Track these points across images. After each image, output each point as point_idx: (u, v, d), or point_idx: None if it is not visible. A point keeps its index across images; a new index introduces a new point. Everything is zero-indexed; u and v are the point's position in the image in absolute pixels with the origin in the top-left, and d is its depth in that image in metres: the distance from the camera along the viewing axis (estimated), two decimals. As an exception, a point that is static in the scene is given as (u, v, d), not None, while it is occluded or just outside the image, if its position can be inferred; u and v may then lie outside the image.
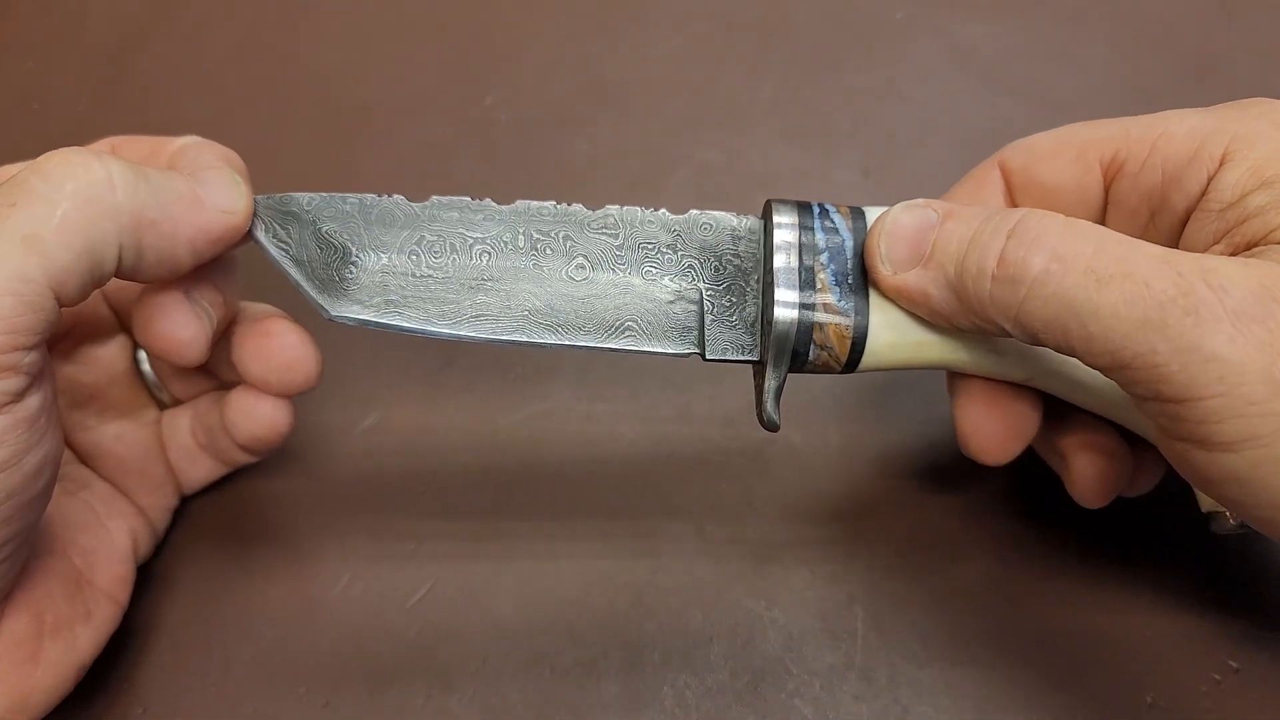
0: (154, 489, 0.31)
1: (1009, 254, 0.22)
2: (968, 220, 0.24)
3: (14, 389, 0.22)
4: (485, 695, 0.30)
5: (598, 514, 0.33)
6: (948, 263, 0.24)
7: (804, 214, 0.26)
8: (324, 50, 0.44)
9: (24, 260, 0.21)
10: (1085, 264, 0.21)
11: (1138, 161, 0.25)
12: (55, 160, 0.22)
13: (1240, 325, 0.20)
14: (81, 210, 0.22)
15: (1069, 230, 0.22)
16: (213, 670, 0.30)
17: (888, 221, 0.25)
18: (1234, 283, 0.20)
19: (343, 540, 0.32)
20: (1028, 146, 0.27)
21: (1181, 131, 0.24)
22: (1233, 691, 0.29)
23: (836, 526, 0.32)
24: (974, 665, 0.30)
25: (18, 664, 0.25)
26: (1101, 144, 0.26)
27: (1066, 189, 0.27)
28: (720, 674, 0.30)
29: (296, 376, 0.28)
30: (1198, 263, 0.21)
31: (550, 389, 0.35)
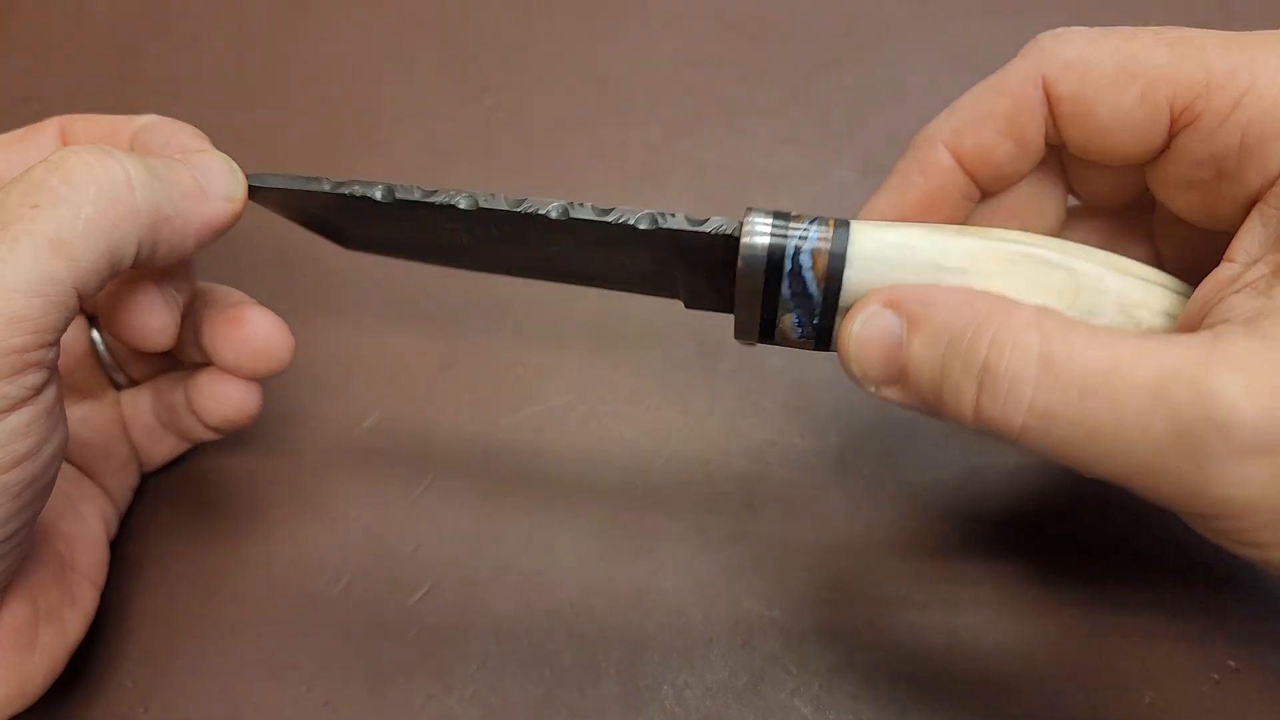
0: (119, 469, 0.31)
1: (985, 409, 0.21)
2: (934, 341, 0.21)
3: (38, 383, 0.22)
4: (485, 695, 0.30)
5: (598, 514, 0.33)
6: (925, 392, 0.22)
7: (773, 266, 0.23)
8: (324, 50, 0.44)
9: (51, 263, 0.21)
10: (1071, 416, 0.19)
11: (1217, 117, 0.21)
12: (74, 161, 0.22)
13: (1247, 464, 0.18)
14: (104, 212, 0.22)
15: (1047, 371, 0.20)
16: (213, 670, 0.30)
17: (852, 340, 0.23)
18: (1240, 417, 0.18)
19: (343, 540, 0.32)
20: (1081, 66, 0.23)
21: (1274, 92, 0.21)
22: (1232, 691, 0.29)
23: (837, 527, 0.32)
24: (973, 665, 0.30)
25: (17, 651, 0.26)
26: (1176, 85, 0.22)
27: (1125, 129, 0.23)
28: (720, 674, 0.30)
29: (270, 362, 0.28)
30: (1197, 390, 0.18)
31: (550, 389, 0.35)
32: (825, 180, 0.39)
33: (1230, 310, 0.20)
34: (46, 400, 0.23)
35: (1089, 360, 0.19)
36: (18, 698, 0.26)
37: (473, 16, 0.44)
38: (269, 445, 0.34)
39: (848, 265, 0.23)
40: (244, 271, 0.32)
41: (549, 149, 0.40)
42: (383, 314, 0.37)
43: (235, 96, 0.42)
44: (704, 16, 0.44)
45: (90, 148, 0.23)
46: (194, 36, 0.44)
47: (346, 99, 0.42)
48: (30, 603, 0.26)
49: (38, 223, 0.22)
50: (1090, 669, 0.29)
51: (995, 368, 0.20)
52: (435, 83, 0.42)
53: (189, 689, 0.30)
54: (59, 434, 0.24)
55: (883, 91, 0.41)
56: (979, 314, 0.21)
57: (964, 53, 0.42)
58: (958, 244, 0.23)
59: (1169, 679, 0.29)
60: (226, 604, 0.31)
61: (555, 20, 0.44)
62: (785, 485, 0.33)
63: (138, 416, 0.31)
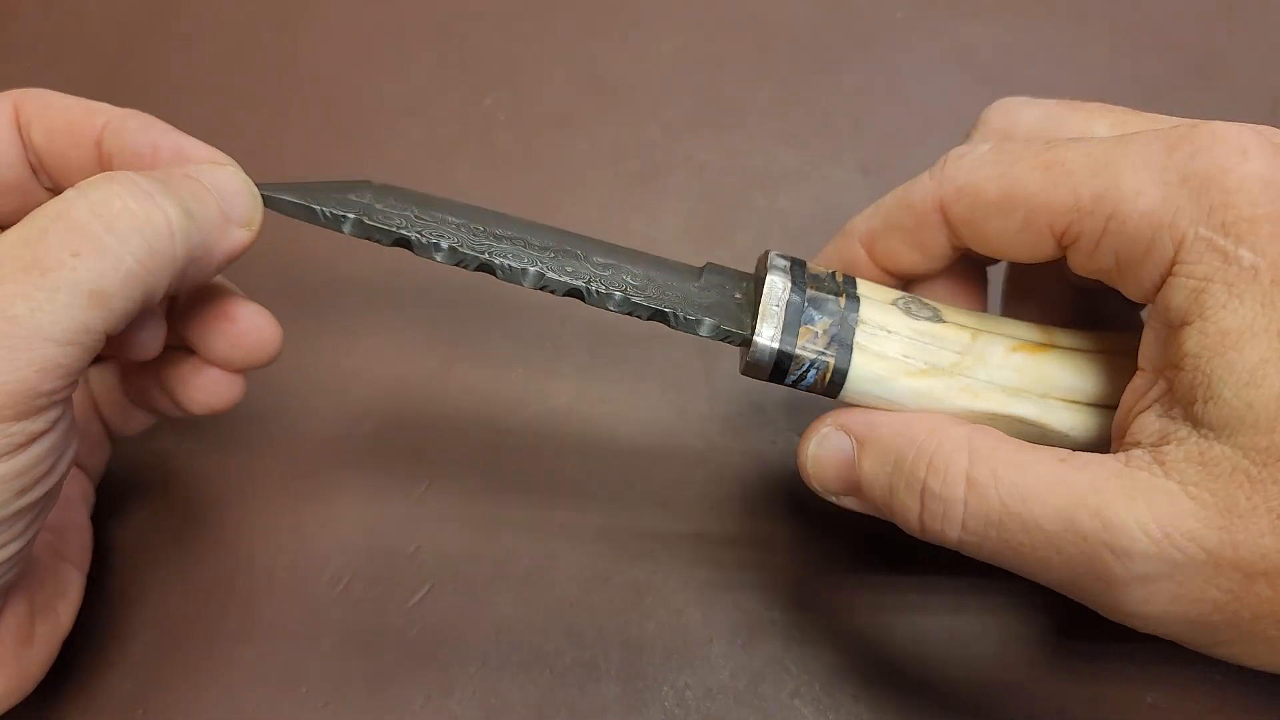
0: (94, 448, 0.31)
1: (927, 523, 0.23)
2: (880, 460, 0.24)
3: (59, 414, 0.22)
4: (485, 695, 0.30)
5: (598, 514, 0.33)
6: (879, 504, 0.24)
7: (779, 368, 0.25)
8: (324, 50, 0.44)
9: (87, 313, 0.21)
10: (995, 535, 0.22)
11: (1091, 241, 0.23)
12: (119, 207, 0.22)
13: (1148, 587, 0.20)
14: (144, 264, 0.22)
15: (973, 492, 0.22)
16: (213, 671, 0.30)
17: (810, 460, 0.25)
18: (1136, 545, 0.20)
19: (343, 541, 0.32)
20: (971, 194, 0.24)
21: (1134, 216, 0.22)
22: (1233, 691, 0.29)
23: (838, 528, 0.32)
24: (973, 665, 0.30)
25: (17, 648, 0.26)
26: (1052, 213, 0.23)
27: (1017, 247, 0.24)
28: (720, 675, 0.30)
29: (261, 355, 0.27)
30: (1099, 518, 0.21)
31: (550, 390, 0.35)
32: (825, 180, 0.39)
33: (1141, 430, 0.22)
34: (65, 422, 0.23)
35: (1008, 485, 0.22)
36: (17, 691, 0.26)
37: (473, 16, 0.44)
38: (269, 446, 0.34)
39: (845, 387, 0.25)
40: (242, 272, 0.32)
41: (549, 149, 0.40)
42: (383, 314, 0.37)
43: (235, 96, 0.42)
44: (704, 16, 0.44)
45: (133, 188, 0.22)
46: (193, 36, 0.44)
47: (346, 99, 0.42)
48: (27, 601, 0.26)
49: (79, 272, 0.21)
50: (1091, 669, 0.29)
51: (932, 488, 0.23)
52: (435, 83, 0.42)
53: (188, 691, 0.30)
54: (73, 446, 0.24)
55: (883, 91, 0.41)
56: (917, 436, 0.23)
57: (964, 53, 0.42)
58: (946, 402, 0.24)
59: (1170, 679, 0.29)
60: (225, 605, 0.31)
61: (555, 20, 0.44)
62: (786, 485, 0.33)
63: (106, 394, 0.30)
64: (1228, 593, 0.20)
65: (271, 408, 0.33)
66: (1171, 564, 0.20)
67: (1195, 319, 0.21)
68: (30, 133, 0.26)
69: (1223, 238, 0.20)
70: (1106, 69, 0.42)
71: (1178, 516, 0.20)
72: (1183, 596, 0.20)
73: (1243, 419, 0.20)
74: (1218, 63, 0.41)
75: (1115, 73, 0.42)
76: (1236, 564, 0.20)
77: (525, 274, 0.25)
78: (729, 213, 0.38)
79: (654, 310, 0.25)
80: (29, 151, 0.27)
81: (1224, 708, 0.29)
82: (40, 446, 0.22)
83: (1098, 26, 0.43)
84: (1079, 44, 0.42)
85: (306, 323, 0.35)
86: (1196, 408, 0.21)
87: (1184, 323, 0.21)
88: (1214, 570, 0.20)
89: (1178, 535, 0.20)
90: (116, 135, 0.26)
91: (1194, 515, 0.20)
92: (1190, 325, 0.21)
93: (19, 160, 0.27)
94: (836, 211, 0.28)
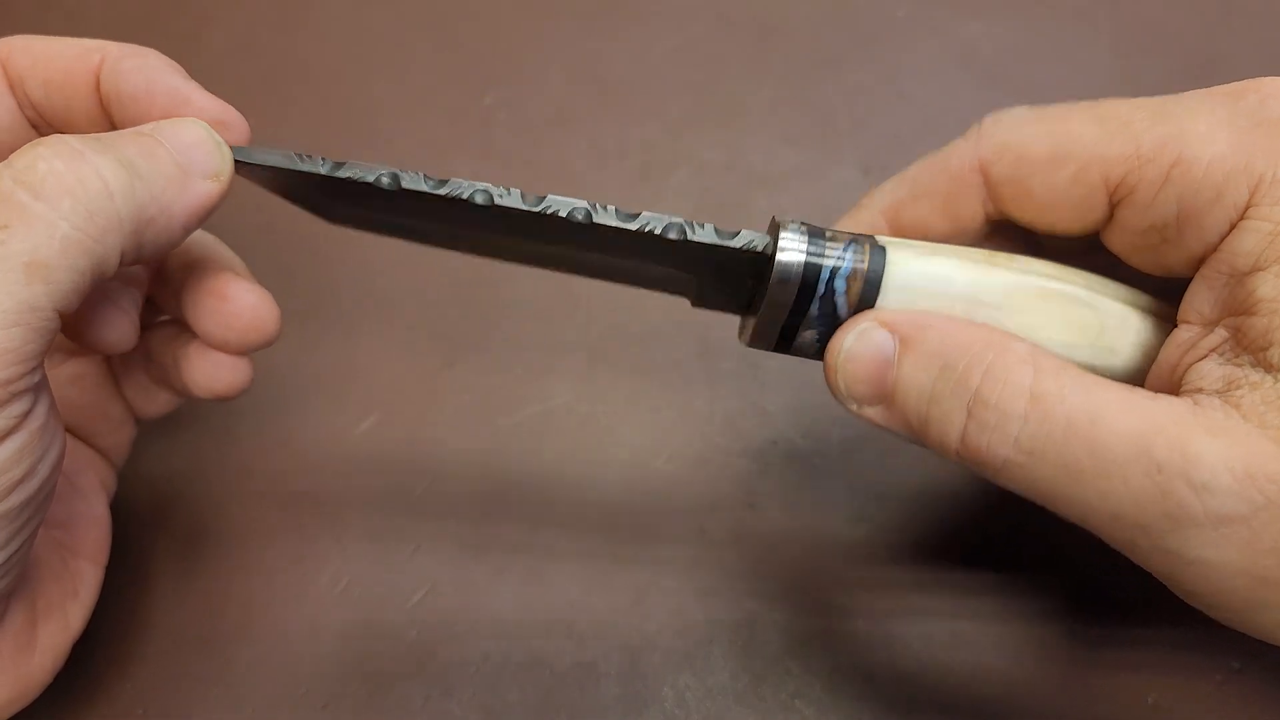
0: (115, 428, 0.29)
1: (971, 439, 0.21)
2: (926, 364, 0.22)
3: (25, 409, 0.21)
4: (485, 695, 0.30)
5: (598, 514, 0.33)
6: (910, 416, 0.22)
7: (806, 286, 0.23)
8: (324, 49, 0.43)
9: (28, 289, 0.20)
10: (1055, 455, 0.20)
11: (1150, 190, 0.22)
12: (43, 169, 0.20)
13: (1222, 529, 0.19)
14: (83, 229, 0.20)
15: (1035, 407, 0.20)
16: (212, 671, 0.30)
17: (841, 355, 0.23)
18: (1217, 479, 0.19)
19: (343, 541, 0.32)
20: (1017, 150, 0.23)
21: (1203, 160, 0.21)
22: (1234, 692, 0.29)
23: (839, 528, 0.32)
24: (974, 666, 0.30)
25: (16, 656, 0.25)
26: (1108, 162, 0.22)
27: (1064, 206, 0.23)
28: (721, 675, 0.30)
29: (257, 336, 0.26)
30: (1179, 449, 0.19)
31: (550, 389, 0.35)
32: (825, 180, 0.39)
33: (1202, 378, 0.21)
34: (37, 420, 0.21)
35: (1077, 403, 0.20)
36: (19, 699, 0.25)
37: (472, 16, 0.44)
38: (268, 446, 0.34)
39: (882, 294, 0.23)
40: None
41: (549, 148, 0.40)
42: (382, 314, 0.36)
43: (234, 96, 0.42)
44: (704, 15, 0.44)
45: (59, 148, 0.21)
46: (192, 35, 0.44)
47: (346, 98, 0.42)
48: (28, 607, 0.25)
49: (9, 245, 0.19)
50: (1091, 669, 0.29)
51: (987, 399, 0.21)
52: (435, 82, 0.42)
53: (188, 691, 0.30)
54: (55, 448, 0.22)
55: (883, 91, 0.41)
56: (974, 344, 0.21)
57: (964, 53, 0.42)
58: (992, 279, 0.23)
59: (1171, 680, 0.29)
60: (225, 605, 0.31)
61: (555, 20, 0.44)
62: (786, 486, 0.33)
63: (129, 373, 0.30)
64: None
65: (271, 407, 0.33)
66: (1253, 506, 0.19)
67: (1271, 263, 0.20)
68: (25, 88, 0.25)
69: None
70: (1106, 69, 0.42)
71: (1262, 458, 0.19)
72: (1254, 544, 0.19)
73: None
74: (1218, 63, 0.41)
75: (1115, 73, 0.42)
76: None
77: (533, 200, 0.23)
78: (729, 212, 0.38)
79: (676, 226, 0.23)
80: (26, 109, 0.25)
81: (1224, 708, 0.29)
82: (7, 447, 0.20)
83: (1098, 26, 0.43)
84: (1079, 44, 0.42)
85: (306, 322, 0.35)
86: (1272, 352, 0.20)
87: (1256, 268, 0.20)
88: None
89: (1262, 477, 0.19)
90: (112, 76, 0.24)
91: (1276, 458, 0.19)
92: (1265, 270, 0.20)
93: (16, 121, 0.25)
94: (837, 211, 0.28)
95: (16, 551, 0.22)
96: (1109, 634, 0.30)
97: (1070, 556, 0.31)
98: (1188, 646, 0.29)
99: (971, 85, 0.42)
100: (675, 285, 0.25)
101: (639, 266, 0.25)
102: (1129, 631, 0.30)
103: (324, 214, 0.27)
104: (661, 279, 0.25)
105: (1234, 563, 0.19)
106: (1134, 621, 0.30)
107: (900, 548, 0.32)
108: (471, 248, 0.26)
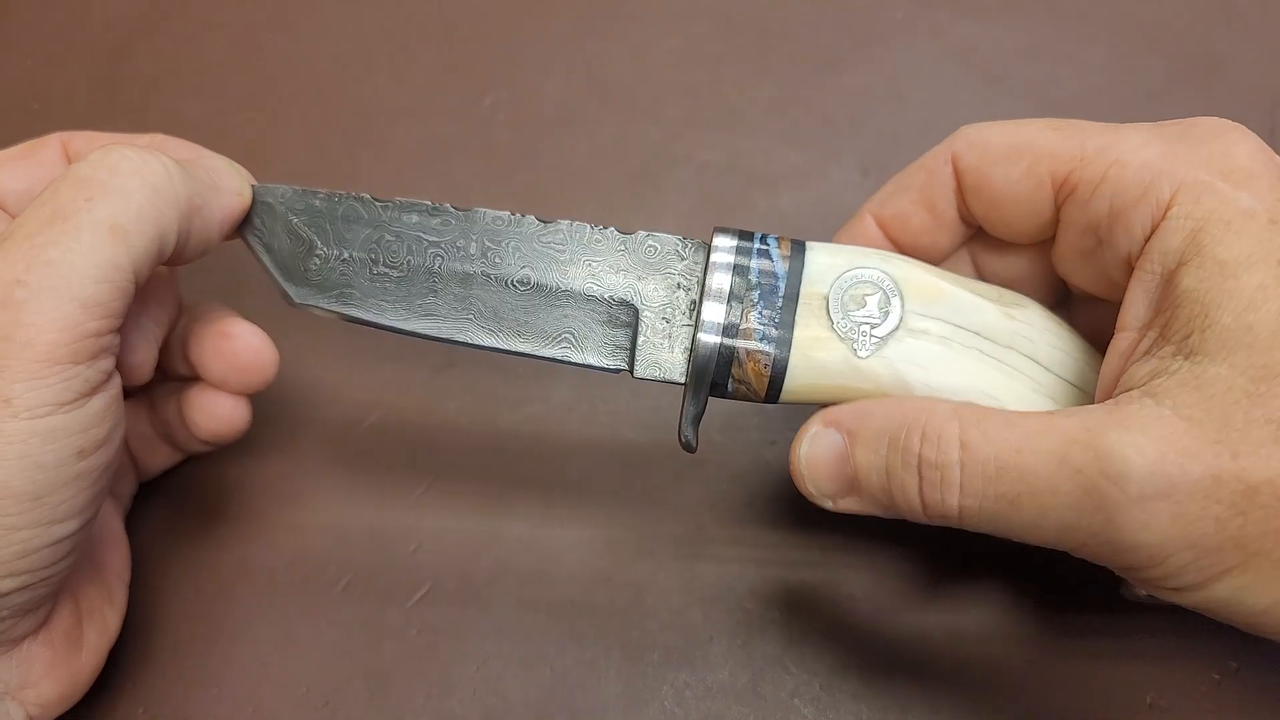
0: (119, 477, 0.31)
1: (927, 496, 0.23)
2: (874, 446, 0.24)
3: (109, 368, 0.24)
4: (485, 695, 0.30)
5: (598, 514, 0.33)
6: (878, 494, 0.24)
7: (743, 245, 0.26)
8: (324, 50, 0.43)
9: (113, 249, 0.23)
10: (993, 491, 0.22)
11: (1089, 187, 0.24)
12: (116, 156, 0.24)
13: (1148, 509, 0.20)
14: (152, 200, 0.24)
15: (968, 455, 0.22)
16: (213, 670, 0.30)
17: (802, 460, 0.25)
18: (1131, 468, 0.20)
19: (343, 540, 0.32)
20: (982, 144, 0.26)
21: (1135, 163, 0.23)
22: (1233, 691, 0.29)
23: (837, 527, 0.32)
24: (973, 665, 0.30)
25: (66, 652, 0.27)
26: (1055, 160, 0.25)
27: (1017, 200, 0.26)
28: (720, 674, 0.30)
29: (256, 376, 0.29)
30: (1093, 450, 0.21)
31: (550, 389, 0.35)
32: (825, 180, 0.39)
33: (1131, 379, 0.23)
34: (116, 386, 0.24)
35: (1000, 439, 0.22)
36: (70, 696, 0.27)
37: (472, 16, 0.44)
38: (269, 446, 0.34)
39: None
40: (242, 272, 0.32)
41: (549, 149, 0.40)
42: (383, 314, 0.36)
43: (234, 96, 0.42)
44: (704, 16, 0.44)
45: (126, 146, 0.24)
46: (192, 36, 0.44)
47: (346, 99, 0.42)
48: (74, 606, 0.27)
49: (96, 213, 0.23)
50: (1091, 669, 0.29)
51: (927, 458, 0.23)
52: (435, 82, 0.42)
53: (188, 689, 0.30)
54: (121, 428, 0.25)
55: (883, 91, 0.41)
56: (908, 414, 0.24)
57: (964, 53, 0.42)
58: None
59: (1170, 679, 0.29)
60: (226, 604, 0.31)
61: (555, 20, 0.44)
62: (786, 485, 0.33)
63: (134, 426, 0.32)
64: (1231, 507, 0.20)
65: (271, 407, 0.33)
66: (1168, 481, 0.20)
67: (1192, 257, 0.22)
68: None
69: (1222, 181, 0.22)
70: (1106, 69, 0.42)
71: (1172, 436, 0.20)
72: (1184, 515, 0.20)
73: (1240, 340, 0.21)
74: (1218, 63, 0.41)
75: (1115, 73, 0.42)
76: (1237, 474, 0.20)
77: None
78: (729, 212, 0.38)
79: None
80: None
81: (1222, 707, 0.29)
82: (99, 401, 0.23)
83: (1098, 26, 0.43)
84: (1079, 44, 0.42)
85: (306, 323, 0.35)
86: (1192, 339, 0.21)
87: (1180, 264, 0.22)
88: (1214, 484, 0.20)
89: (1173, 453, 0.20)
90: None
91: (1188, 433, 0.20)
92: (1187, 265, 0.22)
93: None
94: (836, 211, 0.28)
95: (84, 526, 0.24)
96: (1108, 634, 0.30)
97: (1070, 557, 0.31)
98: (1186, 646, 0.29)
99: (971, 85, 0.42)
100: (614, 344, 0.27)
101: (579, 314, 0.27)
102: (1128, 631, 0.30)
103: (293, 290, 0.28)
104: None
105: (1171, 537, 0.20)
106: (1133, 621, 0.30)
107: (899, 547, 0.32)
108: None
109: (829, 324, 0.25)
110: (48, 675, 0.26)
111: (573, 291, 0.27)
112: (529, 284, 0.27)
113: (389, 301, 0.27)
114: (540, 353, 0.27)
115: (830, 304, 0.25)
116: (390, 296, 0.27)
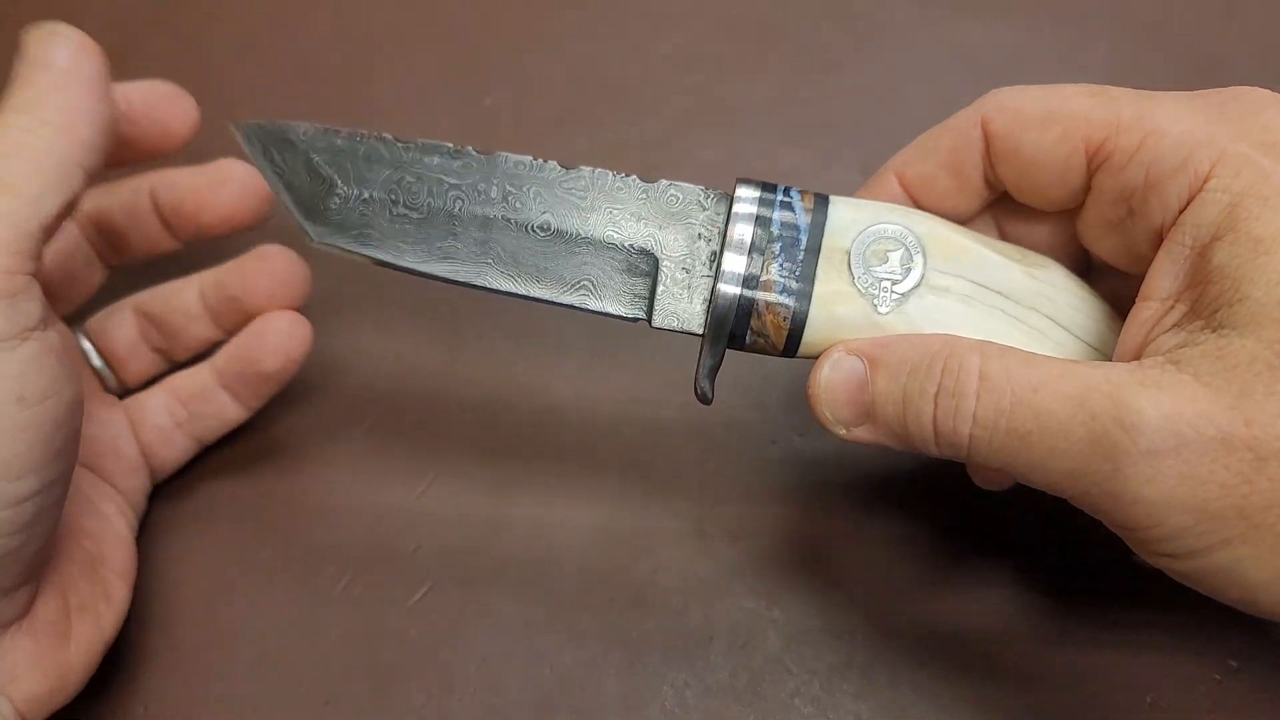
0: (130, 472, 0.31)
1: (940, 424, 0.23)
2: (895, 374, 0.24)
3: (34, 312, 0.23)
4: (485, 694, 0.30)
5: (598, 512, 0.33)
6: (892, 423, 0.24)
7: (766, 197, 0.26)
8: (324, 50, 0.43)
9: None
10: (1005, 425, 0.22)
11: (1125, 155, 0.24)
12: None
13: (1156, 464, 0.20)
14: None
15: (986, 387, 0.22)
16: (213, 670, 0.30)
17: (822, 385, 0.25)
18: (1145, 420, 0.20)
19: (343, 540, 0.32)
20: (1015, 109, 0.25)
21: (1174, 133, 0.23)
22: (1233, 691, 0.29)
23: (837, 527, 0.32)
24: (973, 665, 0.30)
25: (52, 645, 0.26)
26: (1091, 126, 0.24)
27: (1048, 166, 0.25)
28: (720, 673, 0.30)
29: (294, 291, 0.32)
30: (1111, 399, 0.21)
31: (550, 388, 0.35)
32: (825, 180, 0.39)
33: (1156, 349, 0.23)
34: (51, 340, 0.23)
35: (1020, 376, 0.22)
36: (59, 691, 0.26)
37: (472, 15, 0.44)
38: (269, 445, 0.34)
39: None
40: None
41: (549, 149, 0.40)
42: (383, 313, 0.37)
43: (234, 96, 0.42)
44: (704, 16, 0.44)
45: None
46: (193, 36, 0.44)
47: (346, 99, 0.42)
48: (60, 597, 0.27)
49: None
50: (1091, 669, 0.29)
51: (946, 386, 0.23)
52: (435, 82, 0.42)
53: (188, 689, 0.30)
54: (74, 386, 0.24)
55: (883, 91, 0.41)
56: (930, 346, 0.24)
57: (964, 53, 0.42)
58: None
59: (1170, 679, 0.29)
60: (226, 603, 0.31)
61: (555, 20, 0.44)
62: (786, 484, 0.33)
63: (147, 418, 0.32)
64: (1238, 474, 0.20)
65: (270, 406, 0.33)
66: (1180, 439, 0.20)
67: (1227, 232, 0.22)
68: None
69: (1263, 156, 0.22)
70: (1106, 69, 0.42)
71: (1190, 399, 0.21)
72: (1190, 476, 0.20)
73: (1270, 315, 0.21)
74: (1218, 63, 0.41)
75: (1115, 73, 0.42)
76: (1249, 443, 0.20)
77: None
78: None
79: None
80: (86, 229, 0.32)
81: (1222, 706, 0.29)
82: (30, 347, 0.23)
83: (1098, 26, 0.43)
84: (1079, 44, 0.42)
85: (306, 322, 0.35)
86: (1220, 313, 0.21)
87: (1215, 238, 0.22)
88: (1224, 449, 0.20)
89: (1188, 412, 0.20)
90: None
91: (1206, 398, 0.20)
92: (1221, 240, 0.22)
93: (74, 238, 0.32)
94: (836, 211, 0.28)
95: (48, 487, 0.23)
96: (1108, 633, 0.30)
97: (1070, 556, 0.31)
98: (1186, 646, 0.29)
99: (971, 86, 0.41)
100: (632, 292, 0.27)
101: (598, 262, 0.27)
102: (1128, 630, 0.30)
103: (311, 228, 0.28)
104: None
105: (1174, 496, 0.21)
106: (1133, 620, 0.30)
107: (898, 546, 0.32)
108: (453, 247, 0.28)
109: (850, 279, 0.25)
110: (33, 668, 0.26)
111: (593, 238, 0.26)
112: (549, 229, 0.27)
113: (408, 243, 0.27)
114: (558, 299, 0.27)
115: (852, 259, 0.25)
116: (409, 238, 0.27)
